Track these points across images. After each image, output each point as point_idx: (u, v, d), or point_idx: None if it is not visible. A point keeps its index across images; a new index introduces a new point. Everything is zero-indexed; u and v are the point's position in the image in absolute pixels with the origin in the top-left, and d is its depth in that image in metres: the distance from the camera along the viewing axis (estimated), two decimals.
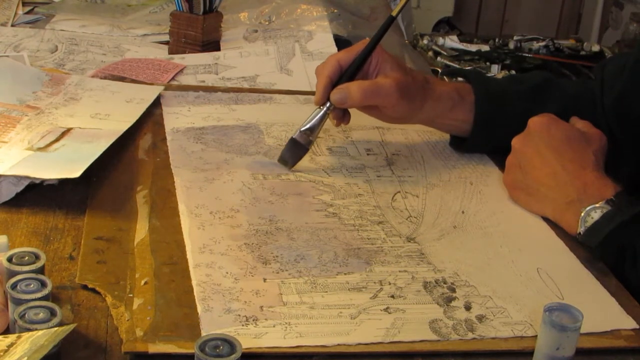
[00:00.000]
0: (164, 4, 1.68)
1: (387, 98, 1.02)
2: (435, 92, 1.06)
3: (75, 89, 1.19)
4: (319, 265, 0.83)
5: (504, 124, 1.07)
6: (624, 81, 1.07)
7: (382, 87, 1.01)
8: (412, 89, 1.03)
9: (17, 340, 0.62)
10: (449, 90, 1.08)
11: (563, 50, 2.03)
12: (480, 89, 1.09)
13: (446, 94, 1.07)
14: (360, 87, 1.01)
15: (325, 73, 1.02)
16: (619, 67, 1.10)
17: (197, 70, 1.36)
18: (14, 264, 0.71)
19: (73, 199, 0.92)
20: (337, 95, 1.01)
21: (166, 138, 1.08)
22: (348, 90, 1.01)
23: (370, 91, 1.01)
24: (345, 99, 1.01)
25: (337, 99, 1.01)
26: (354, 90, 1.01)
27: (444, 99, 1.07)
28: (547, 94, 1.09)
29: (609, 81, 1.10)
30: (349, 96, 1.01)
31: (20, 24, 1.53)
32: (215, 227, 0.88)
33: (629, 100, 1.06)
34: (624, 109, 1.07)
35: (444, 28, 2.83)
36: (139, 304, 0.74)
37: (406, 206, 0.97)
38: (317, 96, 1.03)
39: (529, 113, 1.02)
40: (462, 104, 1.07)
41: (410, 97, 1.03)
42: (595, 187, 0.91)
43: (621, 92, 1.07)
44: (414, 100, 1.04)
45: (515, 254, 0.88)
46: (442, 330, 0.74)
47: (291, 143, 1.02)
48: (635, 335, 0.76)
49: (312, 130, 1.02)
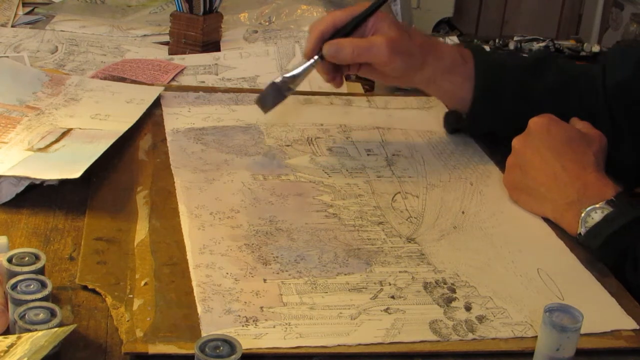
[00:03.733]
0: (164, 5, 1.68)
1: (379, 55, 1.02)
2: (437, 50, 1.07)
3: (76, 89, 1.19)
4: (319, 265, 0.83)
5: (503, 94, 1.07)
6: (631, 67, 1.07)
7: (374, 43, 1.02)
8: (407, 46, 1.03)
9: (17, 341, 0.62)
10: (451, 50, 1.08)
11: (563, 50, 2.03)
12: (480, 56, 1.09)
13: (448, 53, 1.07)
14: (352, 43, 1.02)
15: (318, 28, 1.03)
16: (623, 52, 1.10)
17: (197, 71, 1.36)
18: (14, 265, 0.71)
19: (73, 200, 0.92)
20: (329, 47, 1.02)
21: (166, 139, 1.08)
22: (340, 43, 1.02)
23: (362, 47, 1.02)
24: (337, 52, 1.02)
25: (328, 51, 1.02)
26: (346, 44, 1.02)
27: (446, 57, 1.07)
28: (546, 68, 1.09)
29: (612, 65, 1.09)
30: (340, 49, 1.01)
31: (20, 25, 1.53)
32: (216, 227, 0.88)
33: (635, 87, 1.06)
34: (629, 95, 1.06)
35: (444, 29, 2.83)
36: (139, 305, 0.74)
37: (406, 207, 0.97)
38: (307, 47, 1.04)
39: (526, 85, 1.02)
40: (463, 66, 1.08)
41: (405, 54, 1.03)
42: (596, 187, 0.91)
43: (626, 78, 1.07)
44: (411, 57, 1.04)
45: (516, 255, 0.88)
46: (443, 331, 0.74)
47: (271, 87, 1.03)
48: (635, 335, 0.76)
49: (294, 79, 1.03)
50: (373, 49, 1.02)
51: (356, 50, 1.02)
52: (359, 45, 1.02)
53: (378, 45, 1.01)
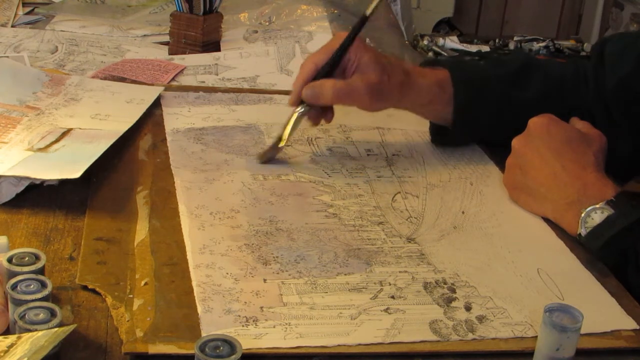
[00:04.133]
0: (164, 5, 1.68)
1: (359, 100, 1.03)
2: (415, 86, 1.06)
3: (76, 89, 1.19)
4: (319, 265, 0.83)
5: (485, 110, 1.07)
6: (630, 64, 1.06)
7: (354, 89, 1.02)
8: (387, 90, 1.03)
9: (17, 341, 0.62)
10: (429, 83, 1.07)
11: (563, 50, 2.03)
12: (459, 78, 1.08)
13: (426, 88, 1.07)
14: (333, 87, 1.01)
15: (301, 76, 1.03)
16: (620, 49, 1.09)
17: (197, 71, 1.36)
18: (14, 265, 0.71)
19: (73, 200, 0.92)
20: (309, 91, 1.01)
21: (166, 138, 1.08)
22: (321, 87, 1.01)
23: (342, 92, 1.02)
24: (317, 95, 1.01)
25: (308, 95, 1.01)
26: (327, 87, 1.01)
27: (424, 93, 1.07)
28: (529, 77, 1.09)
29: (611, 62, 1.09)
30: (320, 93, 1.01)
31: (20, 25, 1.53)
32: (216, 227, 0.88)
33: (634, 83, 1.05)
34: (628, 93, 1.06)
35: (444, 29, 2.83)
36: (139, 305, 0.74)
37: (406, 207, 0.97)
38: (291, 98, 1.04)
39: (509, 97, 1.02)
40: (442, 96, 1.07)
41: (383, 97, 1.04)
42: (596, 187, 0.91)
43: (626, 75, 1.06)
44: (389, 99, 1.05)
45: (516, 255, 0.88)
46: (443, 331, 0.74)
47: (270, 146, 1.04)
48: (635, 335, 0.76)
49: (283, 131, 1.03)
50: (354, 93, 1.02)
51: (336, 94, 1.02)
52: (339, 89, 1.01)
53: (359, 90, 1.01)
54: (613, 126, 1.04)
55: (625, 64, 1.07)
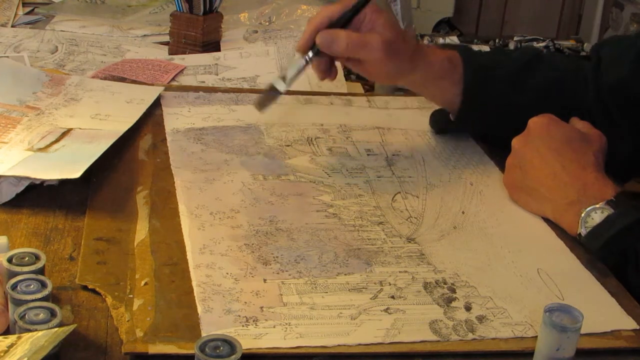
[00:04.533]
0: (164, 5, 1.68)
1: (372, 53, 1.00)
2: (427, 58, 1.05)
3: (76, 89, 1.19)
4: (319, 265, 0.83)
5: (493, 95, 1.07)
6: (629, 66, 1.06)
7: (369, 41, 0.99)
8: (401, 49, 1.02)
9: (17, 341, 0.62)
10: (440, 58, 1.07)
11: (563, 50, 2.03)
12: (469, 61, 1.08)
13: (438, 62, 1.06)
14: (347, 36, 0.99)
15: (313, 23, 1.00)
16: (619, 51, 1.09)
17: (197, 71, 1.36)
18: (14, 265, 0.71)
19: (73, 200, 0.92)
20: (323, 37, 0.99)
21: (166, 139, 1.08)
22: (336, 34, 0.99)
23: (356, 42, 0.99)
24: (331, 42, 0.99)
25: (322, 41, 0.99)
26: (341, 36, 0.99)
27: (435, 64, 1.06)
28: (537, 67, 1.09)
29: (609, 64, 1.09)
30: (335, 40, 0.99)
31: (20, 25, 1.53)
32: (216, 227, 0.88)
33: (632, 85, 1.05)
34: (626, 94, 1.06)
35: (444, 29, 2.83)
36: (139, 305, 0.74)
37: (406, 207, 0.97)
38: (301, 40, 1.01)
39: (516, 86, 1.02)
40: (451, 72, 1.07)
41: (397, 56, 1.02)
42: (596, 187, 0.91)
43: (624, 77, 1.06)
44: (402, 60, 1.03)
45: (516, 255, 0.88)
46: (443, 331, 0.74)
47: (268, 88, 1.02)
48: (635, 335, 0.76)
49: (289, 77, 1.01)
50: (368, 46, 1.00)
51: (350, 44, 0.99)
52: (354, 40, 0.99)
53: (373, 44, 0.99)
54: (613, 127, 1.04)
55: (622, 67, 1.07)
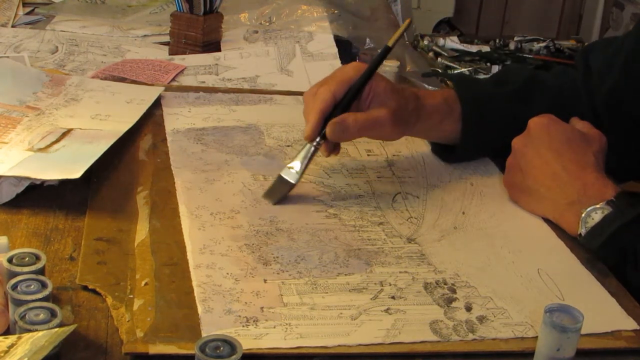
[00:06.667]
0: (164, 5, 1.68)
1: (383, 129, 0.99)
2: (426, 109, 1.04)
3: (76, 89, 1.19)
4: (320, 266, 0.83)
5: (492, 128, 1.06)
6: (615, 77, 1.06)
7: (378, 120, 0.98)
8: (406, 115, 1.01)
9: (17, 341, 0.62)
10: (437, 103, 1.05)
11: (564, 51, 2.03)
12: (466, 97, 1.07)
13: (435, 109, 1.05)
14: (356, 122, 0.96)
15: (318, 108, 0.96)
16: (607, 58, 1.09)
17: (197, 71, 1.36)
18: (14, 265, 0.71)
19: (73, 200, 0.92)
20: (334, 129, 0.96)
21: (166, 139, 1.08)
22: (345, 124, 0.96)
23: (366, 126, 0.97)
24: (342, 133, 0.96)
25: (333, 133, 0.96)
26: (351, 124, 0.96)
27: (434, 115, 1.05)
28: (533, 93, 1.09)
29: (598, 73, 1.08)
30: (345, 131, 0.96)
31: (20, 25, 1.53)
32: (216, 227, 0.88)
33: (620, 95, 1.06)
34: (615, 103, 1.06)
35: (445, 29, 2.84)
36: (139, 305, 0.74)
37: (407, 207, 0.97)
38: (308, 131, 0.96)
39: (516, 115, 1.02)
40: (450, 115, 1.06)
41: (404, 123, 1.01)
42: (596, 188, 0.91)
43: (612, 87, 1.06)
44: (407, 125, 1.02)
45: (516, 255, 0.88)
46: (443, 331, 0.74)
47: (278, 180, 0.96)
48: (635, 336, 0.76)
49: (298, 167, 0.96)
50: (377, 124, 0.98)
51: (361, 129, 0.97)
52: (362, 123, 0.97)
53: (382, 121, 0.98)
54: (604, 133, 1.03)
55: (612, 75, 1.07)
